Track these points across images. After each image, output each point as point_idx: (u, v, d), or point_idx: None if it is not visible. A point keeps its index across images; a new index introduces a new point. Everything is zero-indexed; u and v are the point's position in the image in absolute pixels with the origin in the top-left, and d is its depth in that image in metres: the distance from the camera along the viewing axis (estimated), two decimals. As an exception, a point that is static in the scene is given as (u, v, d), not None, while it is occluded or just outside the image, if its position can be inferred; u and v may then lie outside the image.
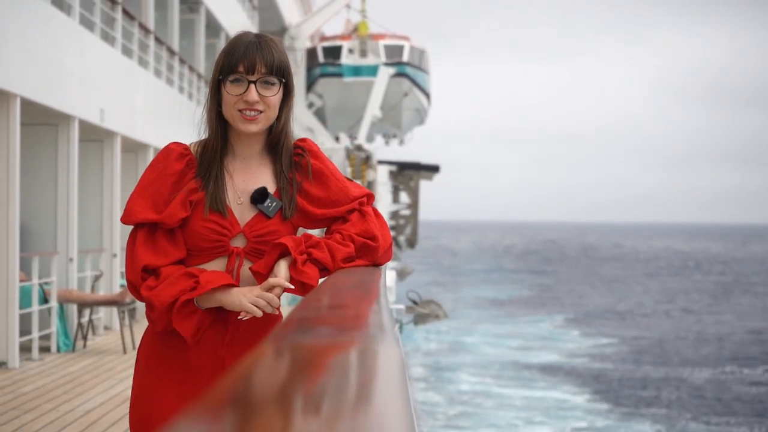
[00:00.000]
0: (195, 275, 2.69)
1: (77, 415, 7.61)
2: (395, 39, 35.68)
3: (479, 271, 73.47)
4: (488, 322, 37.82)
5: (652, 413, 20.96)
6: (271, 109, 2.76)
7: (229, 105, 2.75)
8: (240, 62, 2.72)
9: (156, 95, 15.67)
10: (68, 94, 11.41)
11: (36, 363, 10.27)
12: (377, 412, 0.96)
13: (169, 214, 2.74)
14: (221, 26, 21.95)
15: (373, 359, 1.29)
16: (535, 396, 22.43)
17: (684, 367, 27.41)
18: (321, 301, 2.03)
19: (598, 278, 67.96)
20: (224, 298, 2.69)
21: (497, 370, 26.07)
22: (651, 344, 32.30)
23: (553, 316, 41.29)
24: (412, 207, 34.85)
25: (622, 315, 42.18)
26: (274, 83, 2.75)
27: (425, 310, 18.51)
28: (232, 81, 2.73)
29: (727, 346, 31.99)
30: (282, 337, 1.48)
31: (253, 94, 2.72)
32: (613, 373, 25.97)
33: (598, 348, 30.99)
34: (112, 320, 13.20)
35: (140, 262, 2.72)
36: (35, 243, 11.71)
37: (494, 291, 55.56)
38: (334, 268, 2.70)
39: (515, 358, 28.29)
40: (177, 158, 2.83)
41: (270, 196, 2.81)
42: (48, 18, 10.69)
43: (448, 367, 26.37)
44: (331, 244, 2.74)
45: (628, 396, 22.90)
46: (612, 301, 49.88)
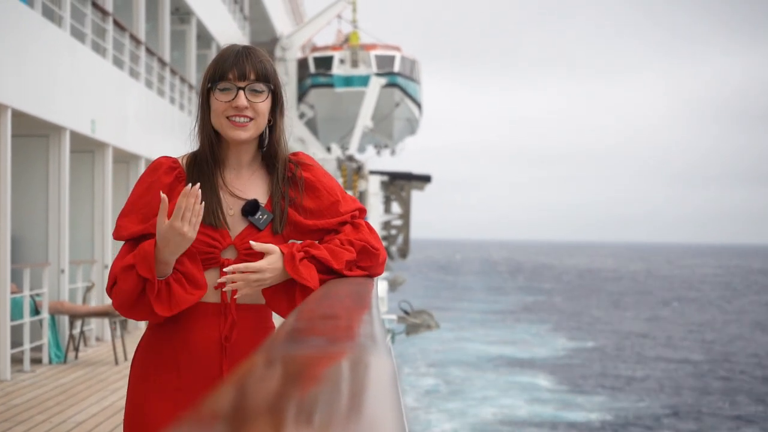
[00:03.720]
0: (132, 266, 2.68)
1: (69, 426, 7.59)
2: (386, 49, 35.70)
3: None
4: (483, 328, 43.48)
5: (606, 393, 26.90)
6: (260, 117, 2.78)
7: (218, 113, 2.77)
8: (229, 70, 2.75)
9: (147, 106, 15.67)
10: (59, 105, 11.40)
11: (27, 375, 10.24)
12: (369, 423, 0.97)
13: (154, 224, 2.73)
14: (212, 37, 21.96)
15: (365, 370, 1.29)
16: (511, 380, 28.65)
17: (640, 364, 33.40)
18: (313, 311, 2.03)
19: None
20: (159, 255, 2.66)
21: (483, 363, 32.16)
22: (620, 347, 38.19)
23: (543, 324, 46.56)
24: (403, 217, 34.83)
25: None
26: (262, 90, 2.77)
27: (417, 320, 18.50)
28: (221, 89, 2.76)
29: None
30: (273, 347, 1.48)
31: (242, 100, 2.74)
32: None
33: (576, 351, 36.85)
34: (103, 332, 13.17)
35: (111, 275, 2.74)
36: (26, 254, 11.69)
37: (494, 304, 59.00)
38: (338, 268, 2.70)
39: (502, 354, 34.57)
40: (166, 172, 2.83)
41: (261, 208, 2.81)
42: (39, 29, 10.69)
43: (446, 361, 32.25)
44: (330, 247, 2.74)
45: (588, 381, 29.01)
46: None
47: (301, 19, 37.54)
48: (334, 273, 2.72)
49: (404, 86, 35.51)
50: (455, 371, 30.35)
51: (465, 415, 23.49)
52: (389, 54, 35.31)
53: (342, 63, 34.74)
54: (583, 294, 72.68)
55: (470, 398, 25.79)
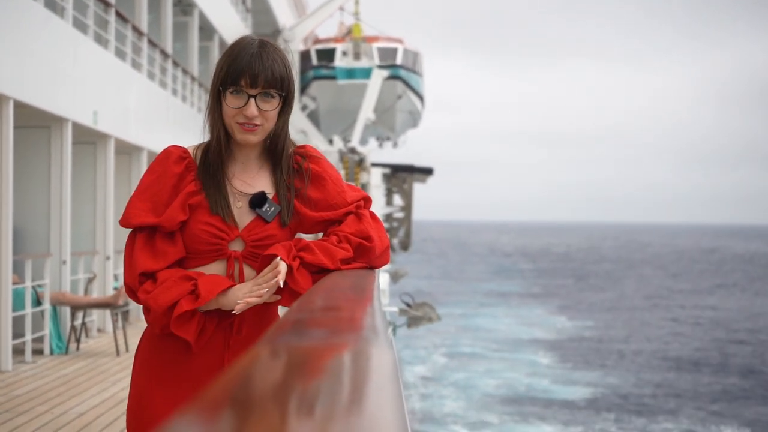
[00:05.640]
0: (193, 278, 2.69)
1: (70, 417, 7.60)
2: (389, 41, 35.68)
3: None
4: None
5: (598, 368, 29.30)
6: (269, 122, 2.76)
7: (228, 116, 2.75)
8: (241, 76, 2.69)
9: (149, 98, 15.66)
10: (61, 96, 11.40)
11: (29, 365, 10.25)
12: (370, 415, 0.97)
13: (168, 217, 2.74)
14: (215, 29, 21.94)
15: (367, 362, 1.30)
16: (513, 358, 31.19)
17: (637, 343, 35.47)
18: (315, 303, 2.04)
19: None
20: (222, 300, 2.69)
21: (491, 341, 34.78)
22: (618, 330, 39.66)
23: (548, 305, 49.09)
24: (405, 209, 34.85)
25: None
26: (274, 96, 2.72)
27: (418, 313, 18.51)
28: (232, 92, 2.71)
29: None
30: (276, 339, 1.49)
31: (253, 109, 2.69)
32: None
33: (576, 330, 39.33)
34: (105, 323, 13.18)
35: (138, 267, 2.71)
36: (28, 245, 11.69)
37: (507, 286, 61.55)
38: (334, 268, 2.71)
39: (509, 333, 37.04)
40: (176, 161, 2.83)
41: (268, 200, 2.81)
42: (41, 21, 10.68)
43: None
44: (326, 246, 2.75)
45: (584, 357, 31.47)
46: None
47: (304, 11, 37.47)
48: (330, 271, 2.74)
49: (406, 78, 35.49)
50: (463, 348, 32.90)
51: (470, 387, 25.68)
52: (391, 46, 35.29)
53: (344, 55, 34.73)
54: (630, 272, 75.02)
55: (474, 371, 28.18)
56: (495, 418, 22.11)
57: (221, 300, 2.68)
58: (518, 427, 21.42)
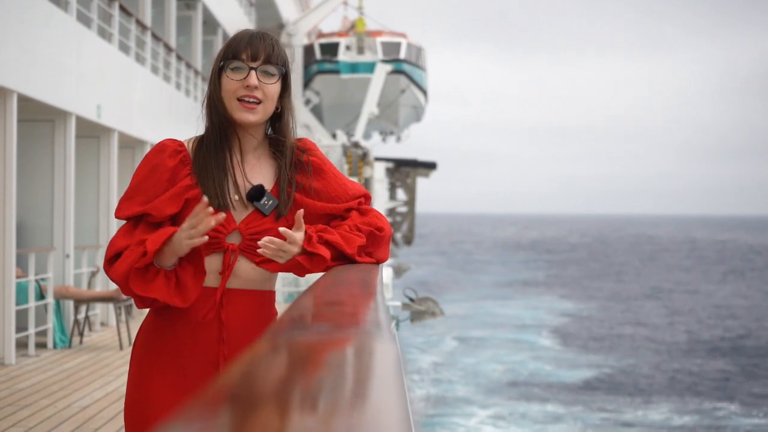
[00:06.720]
0: (143, 240, 2.67)
1: (74, 410, 7.61)
2: (392, 36, 35.62)
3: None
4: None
5: (595, 353, 30.19)
6: (268, 100, 2.78)
7: (228, 93, 2.76)
8: (242, 50, 2.76)
9: (153, 92, 15.66)
10: (65, 90, 11.40)
11: (32, 359, 10.26)
12: (374, 409, 0.97)
13: (155, 206, 2.74)
14: (218, 23, 21.93)
15: (370, 356, 1.29)
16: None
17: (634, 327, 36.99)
18: (318, 297, 2.03)
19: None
20: (174, 248, 2.64)
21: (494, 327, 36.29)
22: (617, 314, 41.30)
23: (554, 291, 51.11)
24: (408, 204, 34.82)
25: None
26: (273, 73, 2.78)
27: (422, 308, 18.51)
28: (233, 68, 2.76)
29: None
30: (278, 333, 1.49)
31: (254, 79, 2.74)
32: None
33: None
34: (108, 316, 13.19)
35: (110, 251, 2.72)
36: (32, 239, 11.70)
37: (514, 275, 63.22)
38: (351, 253, 2.71)
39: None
40: (171, 155, 2.83)
41: (267, 193, 2.81)
42: (45, 14, 10.68)
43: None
44: (343, 233, 2.75)
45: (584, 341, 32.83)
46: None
47: (307, 5, 37.44)
48: (345, 258, 2.73)
49: (410, 73, 35.44)
50: (472, 332, 34.37)
51: (477, 371, 26.78)
52: (395, 41, 35.23)
53: (348, 49, 34.68)
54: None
55: (481, 356, 29.44)
56: (502, 400, 22.69)
57: (174, 248, 2.63)
58: (524, 407, 22.00)
